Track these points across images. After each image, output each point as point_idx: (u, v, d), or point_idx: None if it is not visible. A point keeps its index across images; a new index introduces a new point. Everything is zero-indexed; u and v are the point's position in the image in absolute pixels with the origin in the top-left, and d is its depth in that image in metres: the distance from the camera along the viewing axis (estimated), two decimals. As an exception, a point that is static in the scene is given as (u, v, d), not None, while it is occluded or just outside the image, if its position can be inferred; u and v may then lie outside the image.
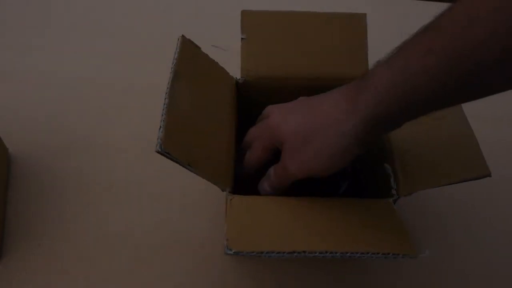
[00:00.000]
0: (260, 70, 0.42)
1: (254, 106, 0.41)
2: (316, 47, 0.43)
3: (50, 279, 0.42)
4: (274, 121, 0.36)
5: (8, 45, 0.60)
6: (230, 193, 0.35)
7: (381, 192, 0.38)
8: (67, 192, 0.48)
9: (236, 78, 0.42)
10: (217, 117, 0.38)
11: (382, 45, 0.38)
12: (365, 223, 0.34)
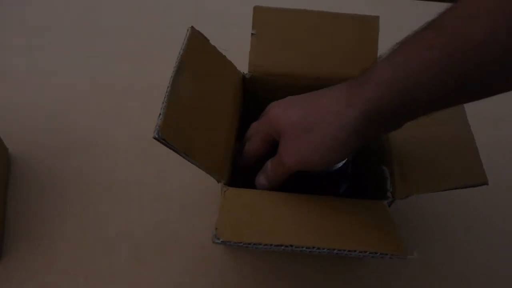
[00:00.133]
0: (267, 66, 0.42)
1: (260, 103, 0.40)
2: (326, 47, 0.42)
3: (50, 279, 0.42)
4: (274, 113, 0.36)
5: (8, 45, 0.60)
6: (225, 185, 0.35)
7: (380, 193, 0.38)
8: (67, 192, 0.48)
9: (243, 73, 0.42)
10: (219, 110, 0.38)
11: (382, 45, 0.38)
12: (357, 222, 0.34)
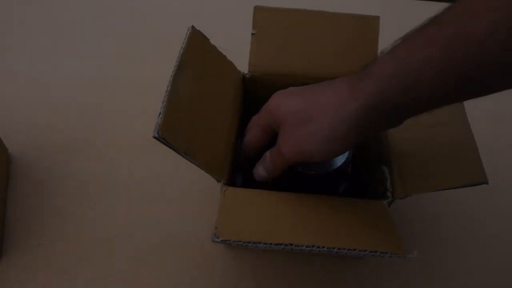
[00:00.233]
0: (267, 66, 0.42)
1: (260, 103, 0.40)
2: (326, 47, 0.42)
3: (50, 279, 0.42)
4: (274, 103, 0.36)
5: (8, 45, 0.60)
6: (225, 185, 0.35)
7: (379, 193, 0.38)
8: (67, 192, 0.48)
9: (243, 73, 0.42)
10: (219, 109, 0.38)
11: (382, 45, 0.37)
12: (357, 221, 0.34)
